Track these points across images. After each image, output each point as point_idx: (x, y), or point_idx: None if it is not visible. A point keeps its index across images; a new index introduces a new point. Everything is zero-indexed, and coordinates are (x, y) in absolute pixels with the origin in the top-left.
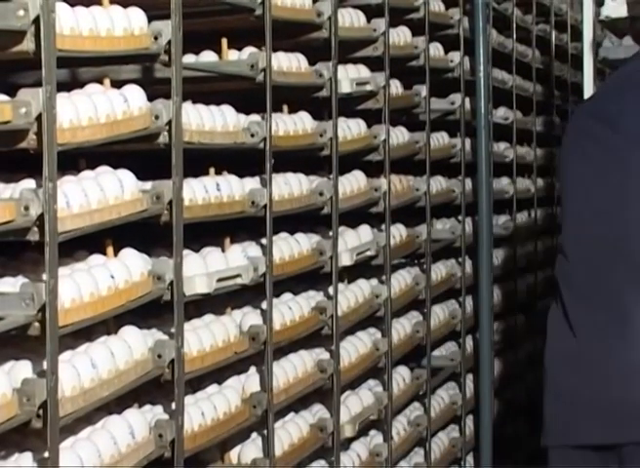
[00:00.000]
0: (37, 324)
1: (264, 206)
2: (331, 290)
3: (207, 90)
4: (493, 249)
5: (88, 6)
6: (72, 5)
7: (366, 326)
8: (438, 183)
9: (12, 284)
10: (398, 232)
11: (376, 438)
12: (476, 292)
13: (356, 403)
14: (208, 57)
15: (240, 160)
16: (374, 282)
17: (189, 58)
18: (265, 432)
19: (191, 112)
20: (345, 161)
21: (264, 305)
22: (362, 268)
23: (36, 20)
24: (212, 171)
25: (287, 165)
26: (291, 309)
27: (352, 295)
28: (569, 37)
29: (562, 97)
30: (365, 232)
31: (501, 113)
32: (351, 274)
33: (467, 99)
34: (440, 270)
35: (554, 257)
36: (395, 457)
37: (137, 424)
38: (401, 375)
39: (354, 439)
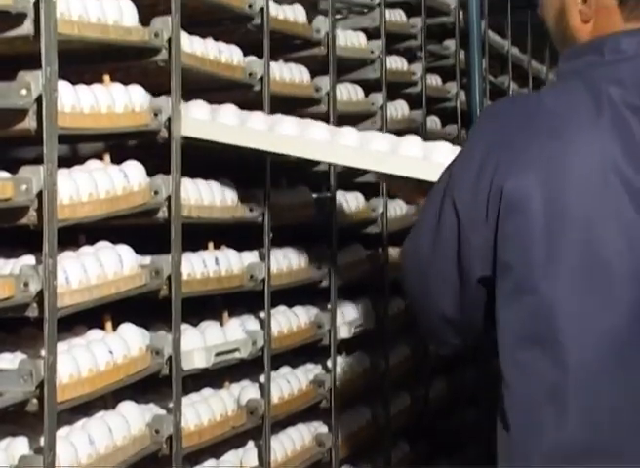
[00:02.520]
0: (35, 400)
1: (263, 280)
2: (329, 362)
3: (206, 162)
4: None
5: (89, 84)
6: (74, 83)
7: (365, 399)
8: None
9: (10, 360)
10: (397, 304)
11: None
12: (476, 364)
13: None
14: None
15: (239, 233)
16: (373, 354)
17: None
18: None
19: (190, 187)
20: (344, 234)
21: (262, 379)
22: (360, 341)
23: (38, 99)
24: (210, 245)
25: (286, 238)
26: (289, 383)
27: (351, 368)
28: None
29: None
30: (363, 305)
31: None
32: (350, 347)
33: None
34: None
35: None
36: None
37: None
38: (401, 449)
39: None
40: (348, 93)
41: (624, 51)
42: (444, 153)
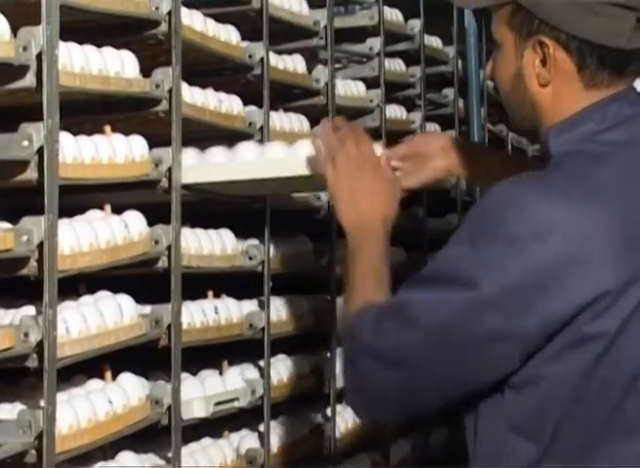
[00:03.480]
0: (34, 451)
1: (262, 328)
2: (329, 411)
3: (206, 212)
4: None
5: (90, 134)
6: (75, 133)
7: (366, 447)
8: None
9: (9, 410)
10: None
11: None
12: None
13: None
14: None
15: (238, 282)
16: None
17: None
18: None
19: (190, 237)
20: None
21: (262, 428)
22: None
23: (40, 150)
24: (210, 294)
25: (285, 286)
26: (288, 432)
27: (350, 417)
28: None
29: None
30: None
31: None
32: None
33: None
34: None
35: None
36: None
37: None
38: None
39: None
40: None
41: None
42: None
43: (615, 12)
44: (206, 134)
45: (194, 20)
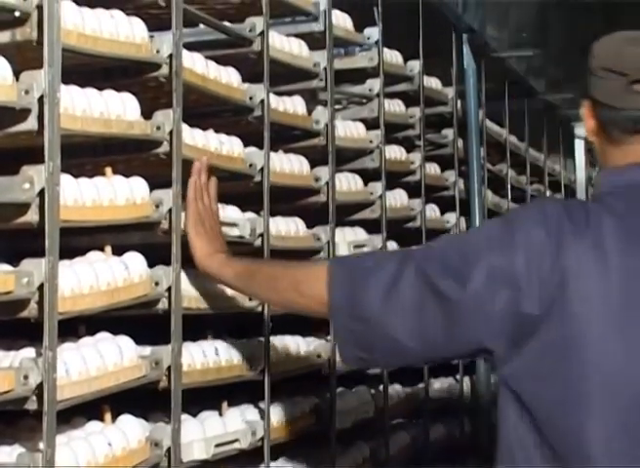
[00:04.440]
0: None
1: (262, 369)
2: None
3: None
4: (492, 408)
5: (91, 176)
6: (76, 175)
7: None
8: None
9: (8, 453)
10: (396, 392)
11: None
12: (477, 452)
13: None
14: None
15: (239, 323)
16: (372, 443)
17: None
18: None
19: (190, 278)
20: None
21: None
22: (360, 429)
23: (41, 193)
24: (210, 335)
25: (285, 327)
26: None
27: (352, 460)
28: (563, 196)
29: None
30: (363, 393)
31: None
32: (350, 436)
33: None
34: (439, 430)
35: None
36: None
37: None
38: None
39: None
40: (348, 182)
41: None
42: None
43: (608, 75)
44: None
45: (195, 63)
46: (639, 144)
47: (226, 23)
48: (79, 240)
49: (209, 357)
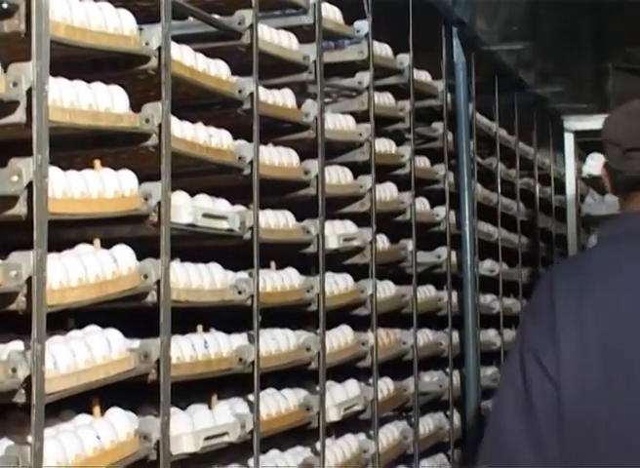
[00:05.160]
0: None
1: (252, 362)
2: (318, 445)
3: (195, 247)
4: (481, 401)
5: (80, 169)
6: (65, 168)
7: None
8: (425, 336)
9: None
10: (386, 386)
11: None
12: (465, 445)
13: None
14: None
15: (228, 316)
16: (361, 436)
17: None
18: None
19: (179, 271)
20: (333, 315)
21: (251, 462)
22: (349, 423)
23: (29, 186)
24: (199, 328)
25: (274, 320)
26: (278, 467)
27: (340, 451)
28: (552, 190)
29: (547, 248)
30: (352, 387)
31: (487, 265)
32: (339, 429)
33: (453, 253)
34: (428, 423)
35: None
36: None
37: None
38: None
39: None
40: (337, 175)
41: None
42: None
43: (609, 144)
44: (196, 168)
45: (184, 56)
46: (630, 197)
47: (215, 16)
48: (68, 233)
49: (198, 350)
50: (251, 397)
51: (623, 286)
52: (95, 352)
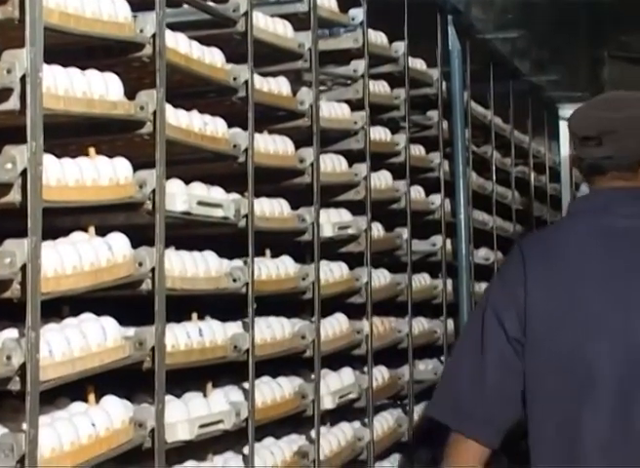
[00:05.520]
0: None
1: (247, 350)
2: (313, 433)
3: (190, 235)
4: None
5: (75, 156)
6: (59, 156)
7: None
8: (420, 324)
9: None
10: (380, 374)
11: None
12: None
13: None
14: None
15: (223, 304)
16: (356, 424)
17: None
18: None
19: (174, 258)
20: (328, 304)
21: (246, 450)
22: (344, 411)
23: (23, 173)
24: (194, 316)
25: (269, 308)
26: (273, 454)
27: (334, 439)
28: (547, 178)
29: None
30: (347, 375)
31: (482, 254)
32: (334, 417)
33: (448, 241)
34: (423, 412)
35: None
36: None
37: None
38: None
39: None
40: (332, 163)
41: None
42: None
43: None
44: (191, 156)
45: (179, 43)
46: (600, 181)
47: (210, 3)
48: (62, 220)
49: (193, 338)
50: (246, 385)
51: (584, 251)
52: (90, 340)
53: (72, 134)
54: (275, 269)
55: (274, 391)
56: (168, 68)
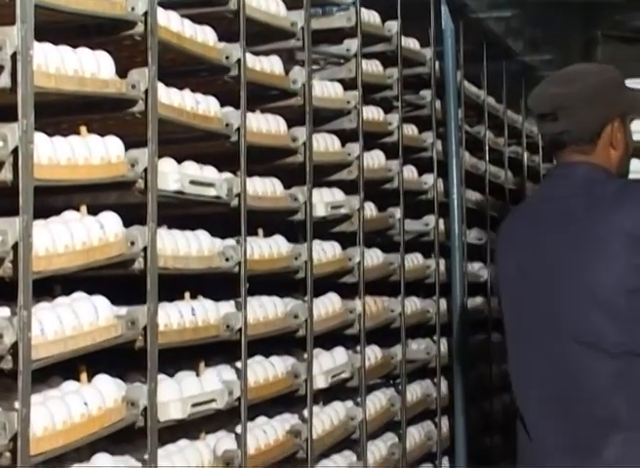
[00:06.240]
0: (8, 453)
1: (239, 329)
2: (306, 412)
3: (183, 214)
4: (468, 368)
5: (66, 135)
6: (51, 134)
7: (341, 448)
8: (413, 304)
9: None
10: (373, 353)
11: None
12: (452, 412)
13: None
14: None
15: (215, 283)
16: (349, 404)
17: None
18: None
19: (166, 238)
20: (320, 283)
21: (239, 429)
22: (337, 390)
23: (15, 151)
24: (187, 295)
25: (262, 287)
26: (265, 433)
27: (327, 418)
28: (540, 158)
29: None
30: (340, 354)
31: (475, 234)
32: (326, 396)
33: (441, 221)
34: (416, 391)
35: None
36: None
37: None
38: None
39: None
40: (325, 143)
41: None
42: None
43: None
44: (183, 135)
45: (171, 21)
46: (561, 156)
47: None
48: (54, 199)
49: (185, 317)
50: (238, 364)
51: (539, 218)
52: (82, 319)
53: (64, 112)
54: (268, 248)
55: (267, 370)
56: (160, 47)
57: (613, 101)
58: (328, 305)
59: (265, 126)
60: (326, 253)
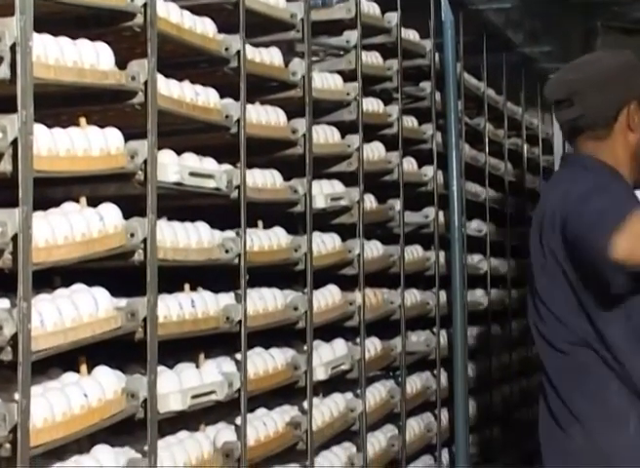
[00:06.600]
0: (8, 445)
1: (239, 321)
2: (305, 404)
3: (182, 206)
4: (468, 360)
5: (66, 126)
6: (50, 126)
7: (341, 440)
8: (413, 296)
9: None
10: (373, 345)
11: None
12: (452, 404)
13: None
14: None
15: (215, 275)
16: (349, 395)
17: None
18: None
19: (166, 229)
20: (320, 275)
21: (239, 421)
22: (337, 382)
23: (14, 143)
24: (187, 287)
25: (262, 279)
26: (265, 425)
27: (327, 410)
28: (540, 150)
29: (535, 208)
30: (340, 346)
31: (475, 225)
32: (326, 388)
33: (441, 213)
34: (415, 383)
35: (529, 369)
36: None
37: None
38: None
39: None
40: (325, 135)
41: None
42: None
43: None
44: (183, 126)
45: (170, 13)
46: (578, 143)
47: None
48: (54, 191)
49: (185, 309)
50: (238, 356)
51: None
52: (81, 310)
53: (63, 103)
54: (267, 240)
55: (267, 362)
56: (159, 38)
57: (628, 84)
58: (328, 297)
59: (265, 117)
60: (326, 244)
